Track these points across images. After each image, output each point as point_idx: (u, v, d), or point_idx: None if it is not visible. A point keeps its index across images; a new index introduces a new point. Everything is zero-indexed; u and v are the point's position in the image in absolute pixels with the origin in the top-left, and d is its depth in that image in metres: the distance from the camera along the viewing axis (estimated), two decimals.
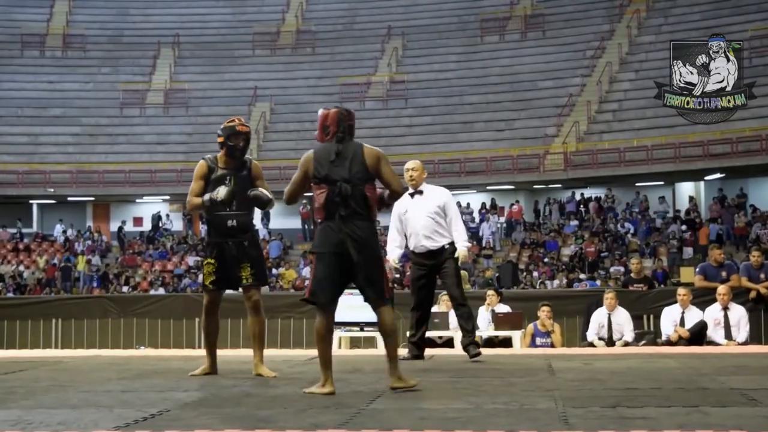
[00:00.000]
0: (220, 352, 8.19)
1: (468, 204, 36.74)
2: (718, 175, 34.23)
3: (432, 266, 9.12)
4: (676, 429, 4.81)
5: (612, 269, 29.13)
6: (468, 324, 9.18)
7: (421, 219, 9.10)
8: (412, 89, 40.55)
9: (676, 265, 28.51)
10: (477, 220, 35.75)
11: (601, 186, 36.09)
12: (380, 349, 12.44)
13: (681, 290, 12.70)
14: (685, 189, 36.30)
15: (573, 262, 30.83)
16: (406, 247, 9.42)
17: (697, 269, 14.18)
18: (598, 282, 27.05)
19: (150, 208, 40.00)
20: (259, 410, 5.67)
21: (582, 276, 28.86)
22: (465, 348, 9.12)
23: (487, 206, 35.99)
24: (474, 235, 34.53)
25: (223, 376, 7.65)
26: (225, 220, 7.65)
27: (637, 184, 35.62)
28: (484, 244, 33.89)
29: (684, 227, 32.13)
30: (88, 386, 7.05)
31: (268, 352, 8.02)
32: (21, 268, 34.87)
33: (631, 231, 32.94)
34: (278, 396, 6.37)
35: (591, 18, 41.69)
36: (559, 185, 36.85)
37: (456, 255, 9.04)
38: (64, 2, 45.95)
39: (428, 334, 12.80)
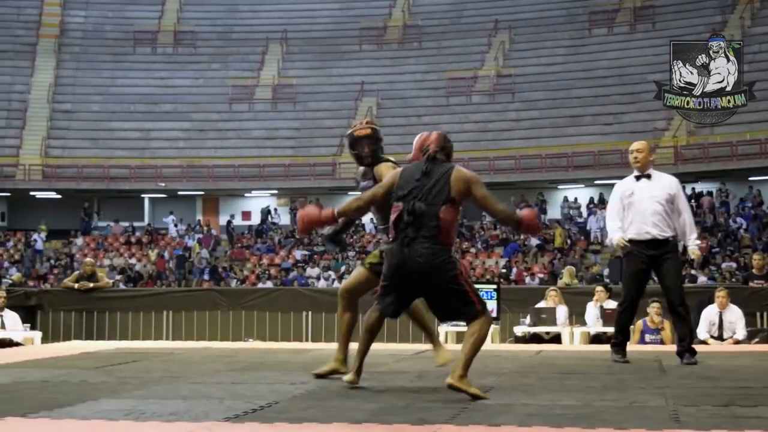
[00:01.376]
0: (327, 345, 8.23)
1: (575, 198, 36.42)
2: None
3: (652, 258, 8.38)
4: None
5: (724, 265, 28.59)
6: (682, 330, 8.38)
7: (651, 204, 8.44)
8: (519, 83, 40.29)
9: None
10: (585, 214, 35.41)
11: (713, 180, 35.42)
12: (488, 344, 12.41)
13: None
14: None
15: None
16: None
17: None
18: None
19: (258, 202, 40.50)
20: (366, 404, 5.69)
21: (693, 272, 28.36)
22: (679, 354, 8.33)
23: (595, 201, 35.60)
24: (581, 229, 34.22)
25: None
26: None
27: (750, 178, 34.89)
28: (591, 239, 33.58)
29: None
30: (198, 377, 7.15)
31: (374, 345, 8.02)
32: (133, 261, 35.59)
33: (744, 226, 32.27)
34: (386, 390, 6.39)
35: (702, 9, 40.90)
36: None
37: (688, 255, 8.43)
38: (175, 0, 46.77)
39: (534, 329, 12.77)
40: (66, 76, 43.42)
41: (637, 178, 8.64)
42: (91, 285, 15.26)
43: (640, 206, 8.46)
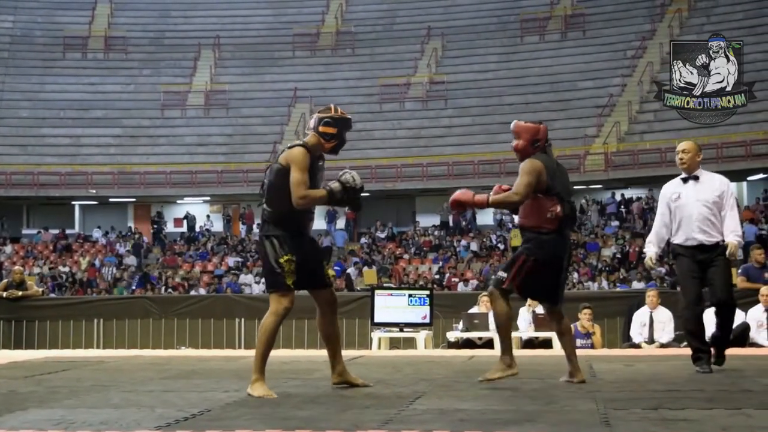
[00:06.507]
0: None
1: None
2: (761, 176, 33.93)
3: (701, 262, 8.08)
4: (719, 431, 4.77)
5: (653, 271, 28.95)
6: (723, 332, 8.16)
7: (698, 208, 8.11)
8: (452, 90, 40.49)
9: None
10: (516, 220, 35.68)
11: (642, 186, 35.88)
12: (420, 350, 12.43)
13: None
14: None
15: (614, 263, 30.68)
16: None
17: (740, 270, 14.06)
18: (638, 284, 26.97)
19: (191, 209, 40.20)
20: (299, 410, 5.68)
21: (624, 275, 28.73)
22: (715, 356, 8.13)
23: None
24: None
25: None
26: (308, 216, 6.77)
27: None
28: None
29: None
30: (129, 386, 7.10)
31: (307, 352, 8.01)
32: (63, 268, 35.14)
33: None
34: (318, 396, 6.39)
35: (632, 18, 41.45)
36: (600, 186, 36.67)
37: (727, 252, 8.02)
38: (105, 5, 46.30)
39: (467, 335, 12.83)
40: None
41: (684, 180, 8.35)
42: (20, 293, 15.06)
43: (687, 210, 8.15)
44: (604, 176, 35.49)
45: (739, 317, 12.13)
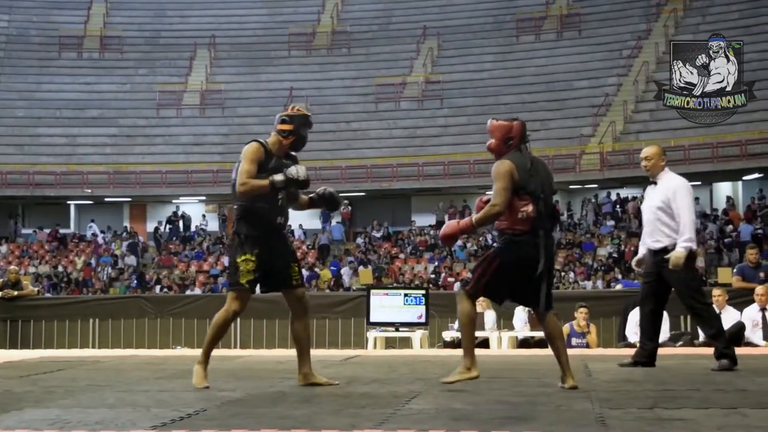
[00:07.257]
0: (256, 352, 8.19)
1: None
2: (756, 175, 33.96)
3: (657, 264, 8.25)
4: (715, 431, 4.78)
5: (637, 270, 28.99)
6: (707, 330, 8.34)
7: (647, 213, 8.37)
8: (448, 89, 40.49)
9: (714, 266, 28.30)
10: None
11: (638, 186, 35.89)
12: (416, 349, 12.43)
13: (715, 291, 12.58)
14: (723, 189, 36.02)
15: (609, 263, 30.69)
16: None
17: (735, 270, 14.08)
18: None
19: (186, 208, 40.17)
20: (295, 410, 5.68)
21: (618, 276, 28.72)
22: (715, 356, 8.15)
23: None
24: None
25: (259, 377, 7.67)
26: (275, 216, 6.90)
27: None
28: None
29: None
30: (125, 386, 7.09)
31: None
32: (59, 268, 35.10)
33: None
34: (314, 396, 6.38)
35: (627, 17, 41.49)
36: (595, 185, 36.70)
37: (670, 264, 8.09)
38: (101, 4, 46.27)
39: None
40: None
41: (651, 183, 8.55)
42: (16, 293, 15.04)
43: (644, 215, 8.51)
44: (599, 176, 35.50)
45: (734, 317, 12.17)
